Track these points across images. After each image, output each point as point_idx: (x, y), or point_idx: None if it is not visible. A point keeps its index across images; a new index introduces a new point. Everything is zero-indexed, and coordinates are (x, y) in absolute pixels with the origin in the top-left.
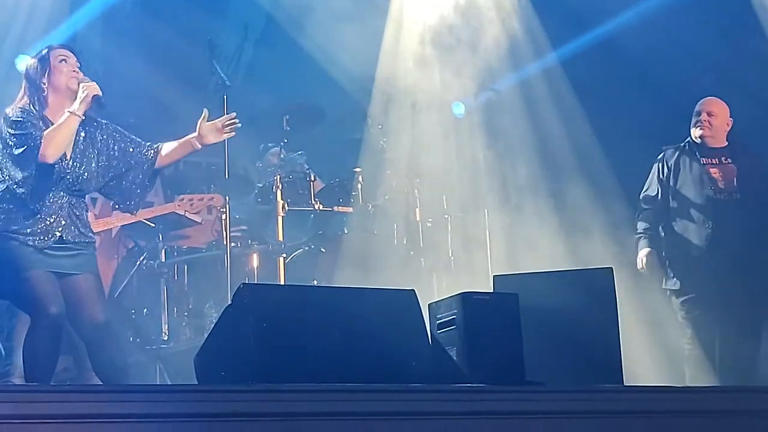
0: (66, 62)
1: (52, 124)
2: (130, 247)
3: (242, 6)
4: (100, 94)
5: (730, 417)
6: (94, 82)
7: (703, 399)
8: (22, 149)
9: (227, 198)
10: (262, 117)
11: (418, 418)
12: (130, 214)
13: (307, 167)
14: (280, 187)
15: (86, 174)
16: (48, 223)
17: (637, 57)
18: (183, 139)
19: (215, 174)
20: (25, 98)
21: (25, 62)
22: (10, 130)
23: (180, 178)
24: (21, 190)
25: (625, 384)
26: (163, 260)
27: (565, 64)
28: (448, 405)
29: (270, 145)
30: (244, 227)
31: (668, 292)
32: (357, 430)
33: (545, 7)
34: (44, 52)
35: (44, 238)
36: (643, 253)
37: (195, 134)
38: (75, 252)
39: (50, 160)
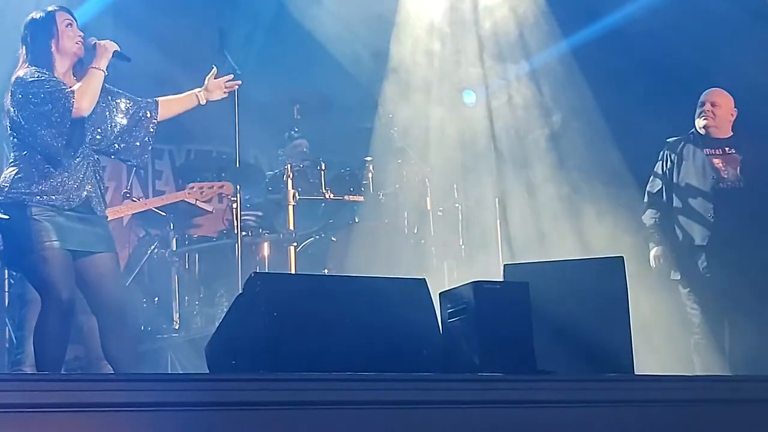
0: (71, 27)
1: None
2: (141, 236)
3: None
4: (119, 49)
5: (741, 406)
6: (108, 39)
7: (714, 388)
8: (51, 105)
9: (238, 186)
10: (273, 106)
11: (429, 407)
12: (140, 201)
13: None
14: (291, 176)
15: (100, 129)
16: (75, 181)
17: (647, 46)
18: (187, 92)
19: (226, 163)
20: (27, 64)
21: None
22: (30, 89)
23: (191, 167)
24: (57, 143)
25: (635, 373)
26: (174, 249)
27: (576, 52)
28: (459, 394)
29: (295, 134)
30: (260, 212)
31: (675, 282)
32: (367, 418)
33: None
34: (49, 13)
35: (71, 197)
36: (655, 252)
37: (202, 89)
38: (95, 226)
39: (85, 113)
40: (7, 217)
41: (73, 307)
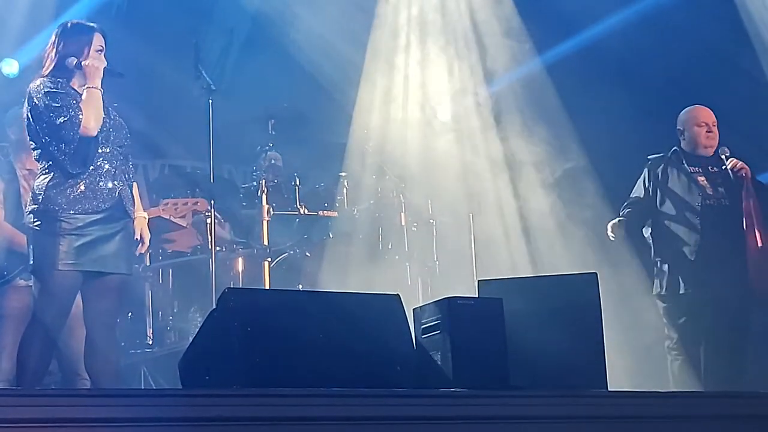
0: (100, 53)
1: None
2: None
3: (228, 9)
4: (105, 64)
5: (715, 422)
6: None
7: (688, 404)
8: (64, 119)
9: (212, 201)
10: (247, 121)
11: (402, 423)
12: None
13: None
14: (265, 191)
15: (124, 132)
16: (105, 181)
17: (623, 62)
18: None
19: (200, 178)
20: (48, 70)
21: (52, 34)
22: (45, 101)
23: (165, 182)
24: (64, 156)
25: (609, 389)
26: (148, 264)
27: (551, 68)
28: (433, 409)
29: (268, 148)
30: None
31: (656, 297)
32: None
33: (531, 11)
34: (90, 29)
35: (105, 199)
36: (612, 222)
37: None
38: (118, 241)
39: (93, 133)
40: (38, 228)
41: (63, 327)
